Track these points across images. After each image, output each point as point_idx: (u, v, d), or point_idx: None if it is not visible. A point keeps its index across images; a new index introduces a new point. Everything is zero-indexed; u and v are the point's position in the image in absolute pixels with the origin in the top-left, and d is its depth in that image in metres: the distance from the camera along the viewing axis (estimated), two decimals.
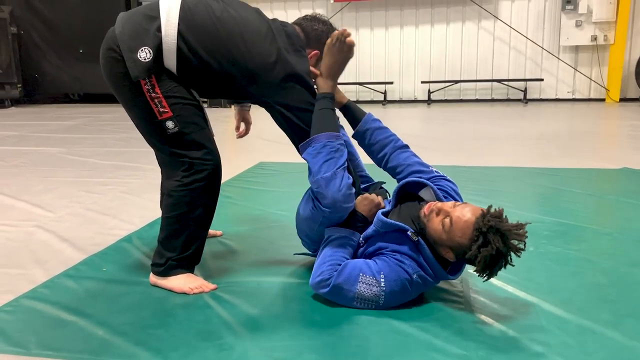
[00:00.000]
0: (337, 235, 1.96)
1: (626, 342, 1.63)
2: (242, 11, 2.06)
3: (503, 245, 1.70)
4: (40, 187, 3.82)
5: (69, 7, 10.38)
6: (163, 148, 2.04)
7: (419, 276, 1.85)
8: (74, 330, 1.80)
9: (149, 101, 1.97)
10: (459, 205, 1.82)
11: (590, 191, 3.37)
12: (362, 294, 1.83)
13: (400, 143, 2.20)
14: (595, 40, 8.90)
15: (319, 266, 1.89)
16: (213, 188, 2.07)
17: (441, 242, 1.82)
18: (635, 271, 2.16)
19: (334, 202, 1.90)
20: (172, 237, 2.07)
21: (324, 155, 1.91)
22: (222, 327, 1.79)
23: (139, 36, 1.93)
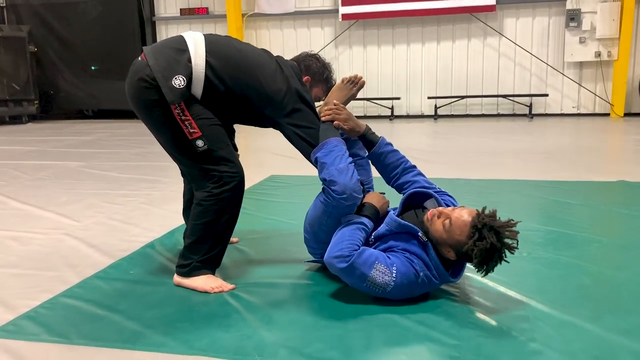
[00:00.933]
0: (355, 219, 2.16)
1: (604, 335, 1.82)
2: (254, 48, 2.42)
3: (497, 240, 1.91)
4: (64, 199, 4.06)
5: (84, 26, 10.74)
6: (193, 164, 2.28)
7: (425, 275, 2.06)
8: (108, 324, 2.01)
9: (179, 123, 2.22)
10: (457, 208, 2.07)
11: (585, 202, 3.55)
12: (374, 279, 2.01)
13: (409, 164, 2.48)
14: (599, 56, 9.09)
15: (338, 242, 2.05)
16: (238, 198, 2.32)
17: (442, 241, 2.04)
18: (618, 274, 2.35)
19: (345, 189, 2.12)
20: (199, 242, 2.29)
21: (336, 152, 2.20)
22: (240, 321, 1.99)
23: (172, 67, 2.19)
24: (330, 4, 10.02)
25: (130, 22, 10.58)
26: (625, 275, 2.33)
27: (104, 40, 10.66)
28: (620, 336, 1.80)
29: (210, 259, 2.32)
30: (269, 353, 1.76)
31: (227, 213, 2.28)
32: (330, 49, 9.98)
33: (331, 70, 2.60)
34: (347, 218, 2.19)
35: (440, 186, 2.46)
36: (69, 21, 10.84)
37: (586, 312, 1.98)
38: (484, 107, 9.88)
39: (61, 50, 10.97)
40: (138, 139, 7.66)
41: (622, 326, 1.87)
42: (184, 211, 2.76)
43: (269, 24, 10.27)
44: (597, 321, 1.91)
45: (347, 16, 9.75)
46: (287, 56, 2.57)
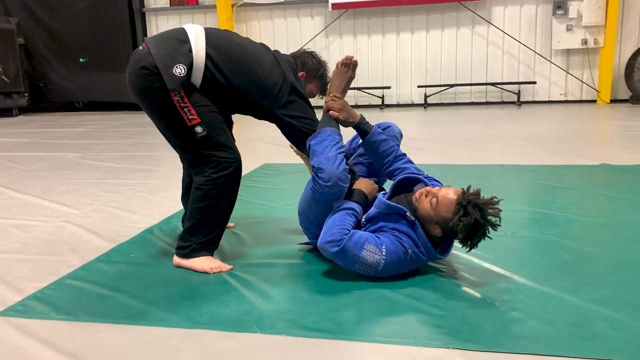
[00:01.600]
0: (345, 205, 2.28)
1: (580, 304, 1.95)
2: (252, 42, 2.53)
3: (480, 216, 2.04)
4: (63, 188, 4.14)
5: (73, 18, 10.71)
6: (192, 150, 2.38)
7: (413, 252, 2.18)
8: (113, 303, 2.11)
9: (179, 110, 2.31)
10: (444, 188, 2.20)
11: (569, 185, 3.69)
12: (365, 259, 2.13)
13: (400, 152, 2.60)
14: (585, 43, 9.22)
15: (329, 228, 2.18)
16: (236, 183, 2.42)
17: (430, 218, 2.16)
18: (596, 250, 2.48)
19: (331, 176, 2.24)
20: (198, 224, 2.40)
21: (328, 141, 2.32)
22: (239, 298, 2.11)
23: (174, 56, 2.29)
24: None
25: (120, 14, 10.57)
26: (602, 251, 2.47)
27: (93, 32, 10.64)
28: (594, 305, 1.93)
29: (209, 242, 2.42)
30: (268, 325, 1.88)
31: (225, 197, 2.39)
32: (321, 39, 10.05)
33: (326, 68, 2.71)
34: (337, 204, 2.29)
35: (429, 172, 2.58)
36: (57, 13, 10.80)
37: (565, 285, 2.11)
38: (473, 95, 10.00)
39: (50, 42, 10.93)
40: (131, 129, 7.71)
41: (596, 296, 2.00)
42: (183, 196, 2.86)
43: (259, 14, 10.31)
44: (574, 292, 2.04)
45: (337, 5, 9.81)
46: (278, 46, 2.68)
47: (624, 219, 2.94)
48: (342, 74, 2.56)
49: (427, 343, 1.73)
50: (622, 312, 1.87)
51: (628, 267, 2.29)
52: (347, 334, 1.81)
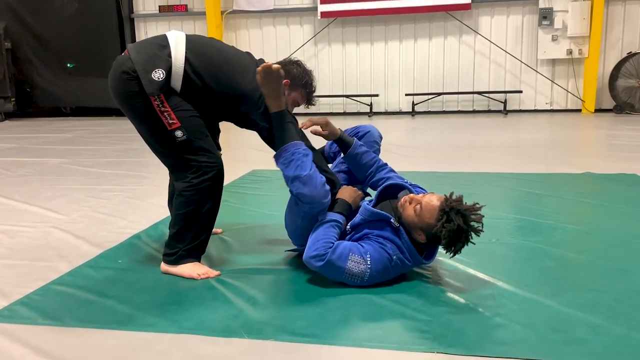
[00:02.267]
0: (328, 218, 2.30)
1: (562, 309, 1.99)
2: (235, 49, 2.54)
3: (463, 222, 2.07)
4: (49, 194, 4.12)
5: (61, 23, 10.68)
6: (172, 155, 2.39)
7: (398, 258, 2.21)
8: (100, 307, 2.12)
9: (159, 115, 2.33)
10: (427, 194, 2.24)
11: (553, 193, 3.74)
12: (351, 270, 2.16)
13: (382, 162, 2.64)
14: (570, 53, 9.36)
15: (313, 243, 2.21)
16: (218, 187, 2.43)
17: (414, 225, 2.19)
18: (579, 257, 2.53)
19: (312, 198, 2.26)
20: (183, 230, 2.40)
21: (295, 161, 2.27)
22: (227, 303, 2.12)
23: (153, 61, 2.31)
24: (309, 2, 10.14)
25: (108, 20, 10.56)
26: (585, 258, 2.51)
27: (81, 37, 10.61)
28: (576, 310, 1.97)
29: (195, 247, 2.43)
30: (255, 330, 1.89)
31: (208, 202, 2.39)
32: (310, 47, 10.10)
33: (312, 77, 2.67)
34: (321, 217, 2.31)
35: (416, 179, 2.64)
36: (45, 18, 10.76)
37: (547, 290, 2.15)
38: (460, 104, 10.10)
39: (38, 47, 10.88)
40: (118, 135, 7.70)
41: (578, 301, 2.04)
42: (169, 202, 2.87)
43: (248, 21, 10.35)
44: (556, 298, 2.08)
45: (326, 14, 9.88)
46: (267, 53, 2.70)
47: (606, 226, 2.99)
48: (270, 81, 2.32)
49: (411, 348, 1.76)
50: (603, 317, 1.91)
51: (609, 273, 2.34)
52: (333, 339, 1.83)
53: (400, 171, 2.68)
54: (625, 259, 2.48)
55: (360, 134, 2.75)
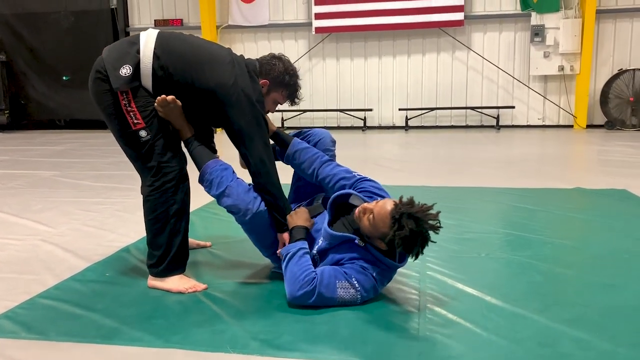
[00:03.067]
0: (292, 249, 2.25)
1: (549, 324, 1.99)
2: (211, 44, 2.50)
3: (416, 226, 2.01)
4: (39, 207, 4.10)
5: (56, 36, 10.71)
6: (136, 155, 2.39)
7: (378, 273, 2.19)
8: (86, 321, 2.10)
9: (125, 114, 2.33)
10: (379, 202, 2.16)
11: (542, 207, 3.75)
12: (342, 297, 2.14)
13: (325, 158, 2.54)
14: (562, 70, 9.45)
15: (293, 281, 2.14)
16: (181, 188, 2.40)
17: (371, 235, 2.16)
18: (567, 272, 2.53)
19: (239, 207, 2.32)
20: (156, 236, 2.39)
21: (215, 179, 2.37)
22: (213, 317, 2.11)
23: (121, 57, 2.32)
24: (304, 17, 10.21)
25: (104, 33, 10.60)
26: (572, 273, 2.52)
27: (76, 51, 10.64)
28: (563, 325, 1.97)
29: (175, 257, 2.41)
30: (241, 345, 1.88)
31: (173, 204, 2.37)
32: (304, 61, 10.15)
33: (293, 74, 2.54)
34: (284, 250, 2.28)
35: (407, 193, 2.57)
36: (40, 31, 10.80)
37: (535, 305, 2.15)
38: (453, 119, 10.15)
39: (32, 60, 10.91)
40: (111, 148, 7.68)
41: (565, 316, 2.04)
42: None
43: (243, 35, 10.41)
44: (543, 313, 2.07)
45: (320, 29, 9.95)
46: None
47: (595, 241, 3.00)
48: (168, 112, 2.37)
49: None
50: (589, 332, 1.91)
51: (597, 288, 2.34)
52: (319, 354, 1.82)
53: (393, 185, 2.66)
54: (613, 274, 2.48)
55: (311, 142, 2.65)
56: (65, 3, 10.68)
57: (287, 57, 2.61)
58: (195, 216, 3.52)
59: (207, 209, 3.86)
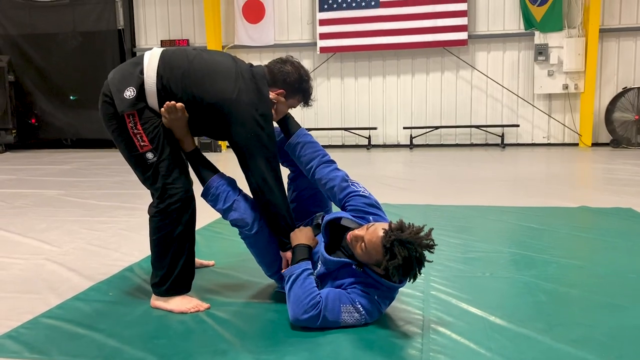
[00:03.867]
0: (297, 270, 2.21)
1: (553, 345, 1.96)
2: (216, 56, 2.45)
3: (407, 252, 1.97)
4: (44, 226, 4.12)
5: (64, 56, 10.86)
6: (144, 177, 2.40)
7: (379, 295, 2.17)
8: (88, 341, 2.09)
9: (132, 136, 2.34)
10: (370, 227, 2.11)
11: (548, 227, 3.74)
12: (346, 321, 2.11)
13: (327, 158, 2.47)
14: (566, 88, 9.47)
15: (297, 303, 2.10)
16: (186, 210, 2.38)
17: (366, 262, 2.14)
18: (571, 291, 2.51)
19: (245, 221, 2.36)
20: (159, 256, 2.40)
21: (222, 194, 2.40)
22: (216, 337, 2.10)
23: (126, 79, 2.34)
24: (309, 38, 10.31)
25: (111, 53, 10.74)
26: (577, 292, 2.50)
27: (83, 71, 10.78)
28: (567, 346, 1.95)
29: (179, 278, 2.40)
30: None
31: (178, 226, 2.36)
32: None
33: (307, 79, 2.50)
34: (287, 271, 2.24)
35: (413, 212, 2.57)
36: (48, 51, 10.95)
37: (539, 325, 2.13)
38: (457, 137, 10.16)
39: (40, 80, 11.05)
40: (117, 167, 7.73)
41: (570, 337, 2.02)
42: None
43: (248, 55, 10.51)
44: (548, 333, 2.05)
45: (325, 49, 10.04)
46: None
47: (600, 261, 2.98)
48: (172, 121, 2.34)
49: None
50: (594, 353, 1.89)
51: (602, 308, 2.31)
52: None
53: (398, 204, 2.63)
54: (619, 294, 2.46)
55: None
56: (74, 24, 10.84)
57: (295, 59, 2.54)
58: (199, 235, 3.51)
59: (210, 227, 3.86)
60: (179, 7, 10.83)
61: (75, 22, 10.84)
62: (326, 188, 2.43)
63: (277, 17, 10.36)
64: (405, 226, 2.04)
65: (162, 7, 10.89)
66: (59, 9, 10.84)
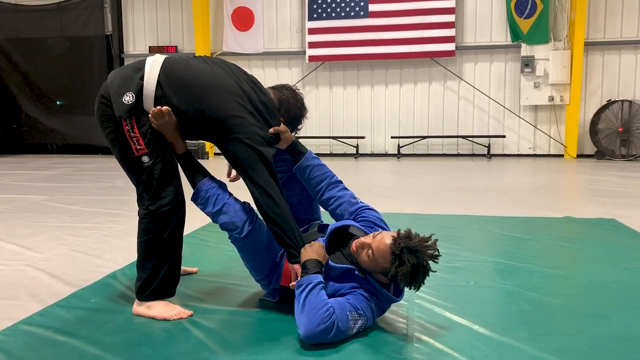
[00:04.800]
0: (314, 282, 2.11)
1: (536, 354, 1.97)
2: (217, 69, 2.43)
3: (416, 260, 2.02)
4: (26, 231, 4.06)
5: (50, 62, 10.78)
6: (137, 180, 2.38)
7: (375, 304, 2.17)
8: (69, 349, 2.06)
9: (128, 140, 2.33)
10: (377, 235, 2.14)
11: (532, 236, 3.76)
12: (352, 329, 2.08)
13: (335, 179, 2.55)
14: (552, 100, 9.58)
15: (314, 315, 2.00)
16: (176, 214, 2.38)
17: (372, 270, 2.16)
18: (555, 301, 2.52)
19: (234, 224, 2.33)
20: (145, 258, 2.38)
21: (212, 197, 2.39)
22: (198, 345, 2.08)
23: (125, 84, 2.33)
24: (298, 46, 10.34)
25: (98, 59, 10.69)
26: (561, 302, 2.51)
27: (70, 76, 10.72)
28: (550, 355, 1.95)
29: (163, 282, 2.38)
30: None
31: (167, 229, 2.36)
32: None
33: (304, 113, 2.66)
34: (306, 280, 2.13)
35: (399, 221, 2.59)
36: (35, 57, 10.86)
37: (523, 334, 2.13)
38: (444, 147, 10.22)
39: (26, 85, 10.95)
40: (103, 173, 7.67)
41: (553, 346, 2.02)
42: None
43: (237, 63, 10.46)
44: (532, 342, 2.06)
45: (314, 58, 10.07)
46: None
47: (584, 271, 3.01)
48: (162, 125, 2.34)
49: None
50: None
51: (585, 317, 2.33)
52: None
53: (385, 212, 2.64)
54: (602, 304, 2.47)
55: None
56: (61, 29, 10.78)
57: (299, 91, 2.66)
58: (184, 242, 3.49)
59: (195, 235, 3.84)
60: (168, 13, 10.82)
61: (63, 27, 10.77)
62: (334, 206, 2.48)
63: (267, 25, 10.38)
64: (413, 235, 2.08)
65: (151, 13, 10.87)
66: (46, 14, 10.77)
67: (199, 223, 4.01)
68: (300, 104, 2.63)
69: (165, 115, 2.31)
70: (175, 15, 10.78)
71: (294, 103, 2.60)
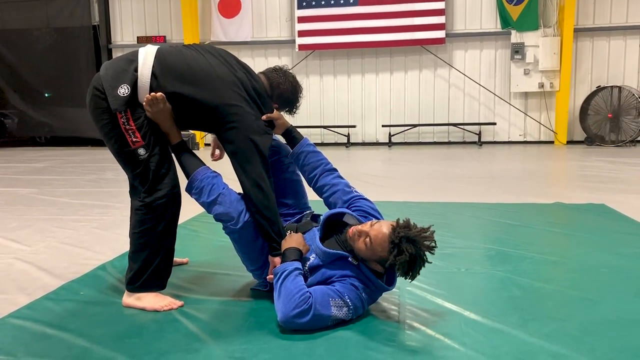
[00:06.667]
0: (289, 268, 2.16)
1: (527, 339, 1.97)
2: (211, 59, 2.42)
3: (415, 250, 2.02)
4: (14, 224, 4.02)
5: (38, 53, 10.66)
6: (133, 172, 2.35)
7: (366, 293, 2.16)
8: (57, 342, 2.04)
9: (123, 132, 2.30)
10: (375, 224, 2.14)
11: (523, 223, 3.77)
12: (336, 315, 2.08)
13: (330, 166, 2.54)
14: (542, 87, 9.59)
15: (288, 299, 2.03)
16: (172, 206, 2.37)
17: (368, 258, 2.15)
18: (546, 286, 2.53)
19: (229, 215, 2.30)
20: (138, 250, 2.36)
21: (206, 187, 2.35)
22: (188, 336, 2.06)
23: (120, 76, 2.30)
24: (287, 35, 10.27)
25: (86, 50, 10.57)
26: (551, 287, 2.52)
27: (57, 67, 10.60)
28: (541, 340, 1.96)
29: (154, 273, 2.36)
30: None
31: (161, 221, 2.34)
32: None
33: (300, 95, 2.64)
34: (278, 269, 2.17)
35: (390, 209, 2.58)
36: (21, 49, 10.74)
37: (514, 320, 2.13)
38: (435, 135, 10.22)
39: (12, 77, 10.83)
40: (92, 165, 7.61)
41: (543, 331, 2.03)
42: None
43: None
44: (522, 327, 2.06)
45: (304, 46, 10.02)
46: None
47: (574, 256, 3.02)
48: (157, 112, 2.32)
49: None
50: (567, 347, 1.90)
51: (575, 302, 2.34)
52: None
53: (376, 200, 2.62)
54: (592, 288, 2.48)
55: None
56: (47, 20, 10.65)
57: (291, 72, 2.62)
58: None
59: (186, 225, 3.81)
60: (156, 2, 10.70)
61: (49, 17, 10.64)
62: (328, 194, 2.46)
63: (256, 13, 10.30)
64: (412, 225, 2.08)
65: (138, 3, 10.75)
66: (31, 5, 10.63)
67: (190, 214, 3.99)
68: (292, 87, 2.59)
69: (160, 102, 2.29)
70: (163, 5, 10.67)
71: (287, 86, 2.57)
